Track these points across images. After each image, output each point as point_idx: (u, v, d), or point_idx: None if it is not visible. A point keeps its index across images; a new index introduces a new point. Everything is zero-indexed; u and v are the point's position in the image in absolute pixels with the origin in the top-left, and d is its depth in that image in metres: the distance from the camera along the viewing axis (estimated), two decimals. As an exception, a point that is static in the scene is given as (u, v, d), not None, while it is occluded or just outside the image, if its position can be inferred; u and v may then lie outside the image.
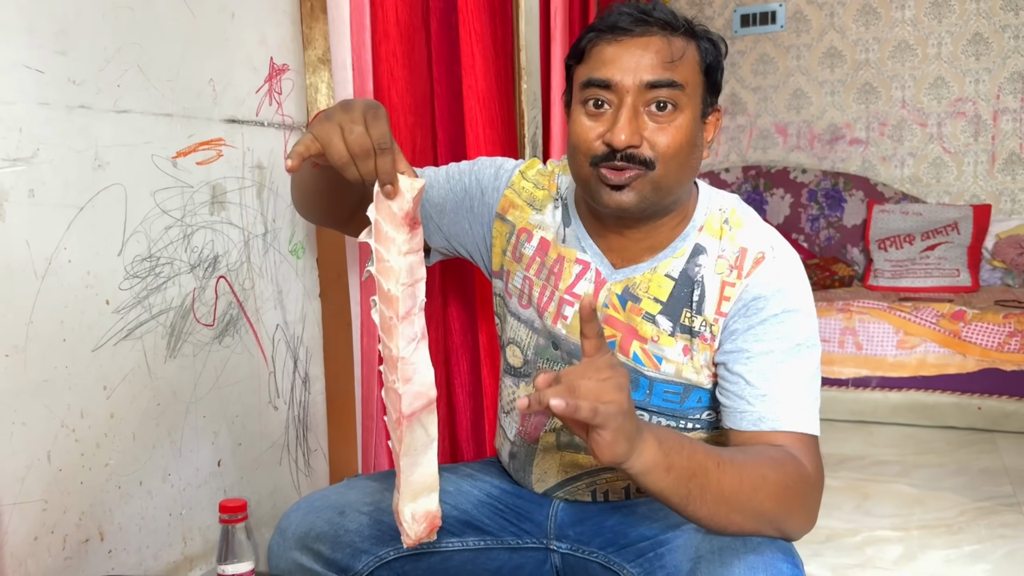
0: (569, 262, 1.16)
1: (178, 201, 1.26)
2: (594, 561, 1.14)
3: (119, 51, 1.16)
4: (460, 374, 1.67)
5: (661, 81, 1.01)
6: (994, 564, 1.98)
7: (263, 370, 1.45)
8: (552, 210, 1.20)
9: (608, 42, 1.03)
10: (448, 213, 1.23)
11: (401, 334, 0.91)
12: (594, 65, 1.04)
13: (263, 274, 1.44)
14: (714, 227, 1.12)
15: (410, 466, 0.95)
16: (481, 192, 1.22)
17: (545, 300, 1.17)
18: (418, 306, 0.93)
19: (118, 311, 1.17)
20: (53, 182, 1.08)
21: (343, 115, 0.89)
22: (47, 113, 1.07)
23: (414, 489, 0.95)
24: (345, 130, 0.88)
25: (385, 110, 0.91)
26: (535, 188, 1.21)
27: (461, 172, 1.24)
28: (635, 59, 1.02)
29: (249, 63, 1.40)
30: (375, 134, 0.88)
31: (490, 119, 1.66)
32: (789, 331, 1.05)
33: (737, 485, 0.92)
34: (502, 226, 1.22)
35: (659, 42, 1.02)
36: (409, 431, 0.93)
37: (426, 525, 0.97)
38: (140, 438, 1.22)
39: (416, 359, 0.93)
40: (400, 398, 0.92)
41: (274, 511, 1.46)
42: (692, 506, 0.91)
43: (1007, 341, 2.99)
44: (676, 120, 1.03)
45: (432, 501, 0.97)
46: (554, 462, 1.18)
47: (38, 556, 1.08)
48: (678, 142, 1.03)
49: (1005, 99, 3.75)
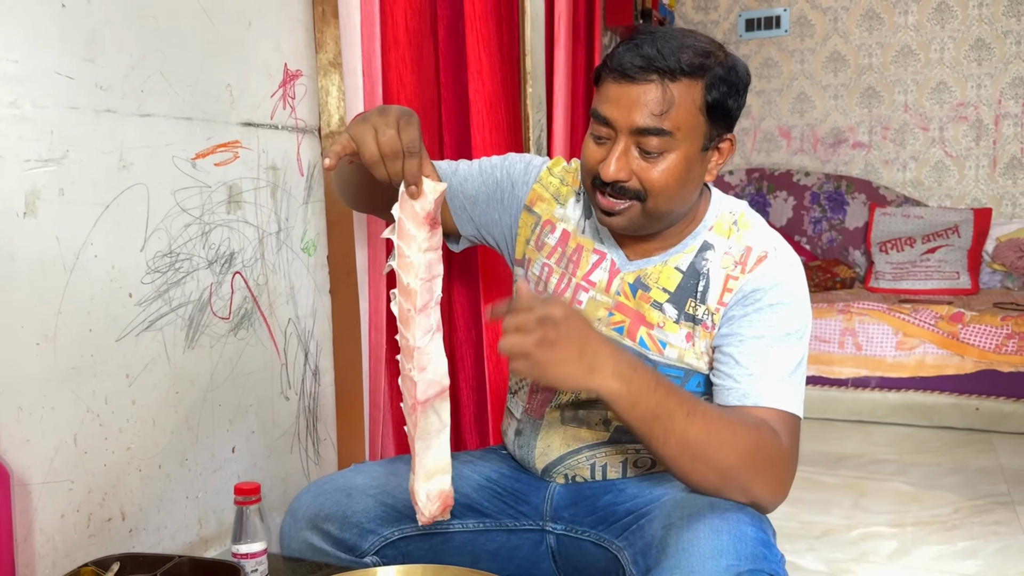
0: (587, 251, 1.24)
1: (197, 200, 1.33)
2: (586, 540, 1.20)
3: (143, 58, 1.23)
4: (464, 368, 1.73)
5: (650, 129, 1.08)
6: (985, 560, 2.02)
7: (276, 362, 1.51)
8: (574, 204, 1.28)
9: (614, 80, 1.10)
10: (480, 204, 1.31)
11: (418, 325, 0.98)
12: (601, 99, 1.12)
13: (276, 270, 1.50)
14: (723, 227, 1.20)
15: (424, 449, 1.02)
16: (512, 185, 1.31)
17: (562, 287, 1.25)
18: (434, 300, 1.00)
19: (140, 304, 1.24)
20: (81, 181, 1.14)
21: (378, 118, 0.97)
22: (76, 117, 1.13)
23: (428, 471, 1.02)
24: (379, 132, 0.96)
25: (418, 117, 0.99)
26: (560, 184, 1.30)
27: (493, 166, 1.32)
28: (630, 104, 1.08)
29: (264, 69, 1.46)
30: (406, 138, 0.95)
31: (496, 123, 1.71)
32: (782, 320, 1.12)
33: (704, 436, 1.00)
34: (529, 217, 1.30)
35: (655, 91, 1.08)
36: (423, 416, 1.00)
37: (440, 504, 1.04)
38: (160, 424, 1.28)
39: (431, 349, 1.00)
40: (416, 385, 0.99)
41: (285, 497, 1.53)
42: (655, 444, 1.00)
43: (1005, 343, 3.03)
44: (665, 161, 1.10)
45: (445, 482, 1.04)
46: (557, 436, 1.25)
47: (65, 533, 1.15)
48: (665, 180, 1.10)
49: (1007, 104, 3.79)
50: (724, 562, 0.93)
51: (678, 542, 0.97)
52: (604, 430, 1.22)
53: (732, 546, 0.94)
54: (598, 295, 1.22)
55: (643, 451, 1.22)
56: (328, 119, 1.58)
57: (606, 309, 1.21)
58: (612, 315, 1.20)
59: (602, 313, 1.21)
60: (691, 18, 4.31)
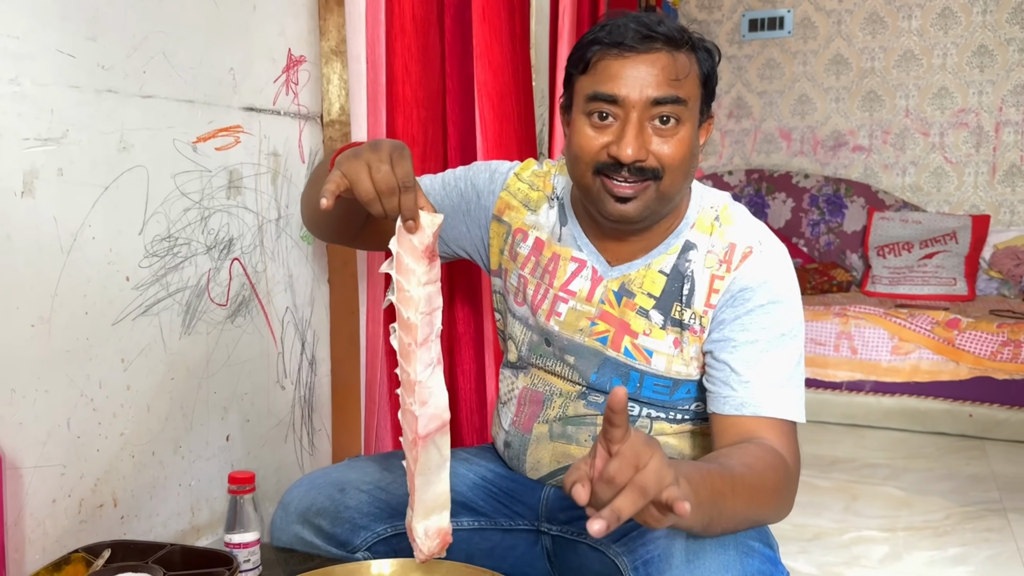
0: (564, 260, 1.20)
1: (197, 184, 1.31)
2: (583, 542, 1.18)
3: (146, 38, 1.21)
4: (462, 363, 1.71)
5: (666, 98, 1.05)
6: (976, 566, 2.03)
7: (272, 350, 1.50)
8: (547, 210, 1.23)
9: (614, 57, 1.06)
10: (446, 219, 1.26)
11: (419, 359, 0.96)
12: (600, 79, 1.07)
13: (275, 258, 1.49)
14: (705, 224, 1.16)
15: (424, 485, 1.00)
16: (477, 196, 1.26)
17: (539, 298, 1.21)
18: (435, 333, 0.97)
19: (137, 288, 1.22)
20: (81, 162, 1.12)
21: (371, 154, 0.94)
22: (77, 96, 1.12)
23: (427, 507, 1.01)
24: (372, 168, 0.93)
25: (409, 151, 0.96)
26: (530, 189, 1.25)
27: (456, 178, 1.28)
28: (641, 76, 1.04)
29: (268, 54, 1.44)
30: (400, 173, 0.93)
31: (505, 115, 1.70)
32: (774, 321, 1.09)
33: (746, 504, 0.96)
34: (499, 227, 1.26)
35: (665, 58, 1.05)
36: (424, 451, 0.98)
37: (439, 541, 1.03)
38: (154, 410, 1.27)
39: (432, 383, 0.97)
40: (416, 420, 0.97)
41: (278, 487, 1.51)
42: (710, 530, 0.94)
43: (1000, 350, 3.03)
44: (679, 133, 1.07)
45: (444, 519, 1.02)
46: (547, 452, 1.22)
47: (55, 518, 1.13)
48: (682, 153, 1.07)
49: (1008, 111, 3.79)
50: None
51: (684, 554, 0.95)
52: None
53: (739, 561, 0.93)
54: (579, 305, 1.18)
55: None
56: (329, 108, 1.56)
57: (588, 319, 1.17)
58: (595, 325, 1.17)
59: (584, 324, 1.17)
60: (694, 17, 4.29)
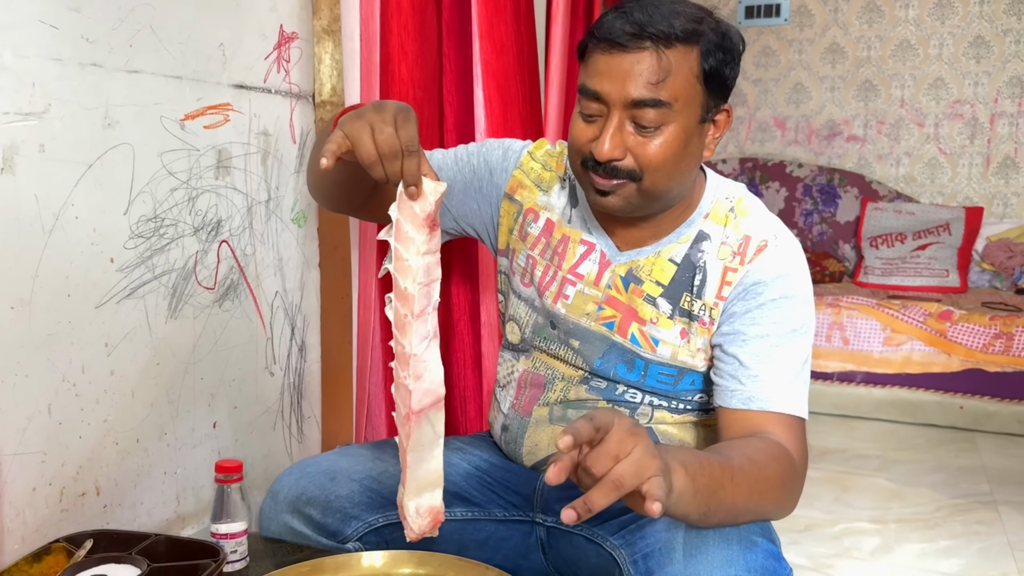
0: (574, 242, 1.18)
1: (184, 163, 1.27)
2: (578, 534, 1.16)
3: (132, 11, 1.16)
4: (460, 348, 1.68)
5: (646, 100, 1.01)
6: (967, 559, 2.02)
7: (261, 336, 1.46)
8: (559, 191, 1.21)
9: (603, 52, 1.03)
10: (457, 195, 1.24)
11: (415, 332, 0.93)
12: (588, 73, 1.05)
13: (265, 241, 1.45)
14: (719, 215, 1.14)
15: (416, 461, 0.97)
16: (490, 173, 1.24)
17: (548, 280, 1.19)
18: (432, 305, 0.94)
19: (122, 270, 1.18)
20: (63, 138, 1.08)
21: (374, 115, 0.90)
22: (60, 69, 1.07)
23: (419, 484, 0.98)
24: (376, 130, 0.89)
25: (415, 113, 0.93)
26: (543, 169, 1.23)
27: (469, 154, 1.25)
28: (623, 75, 1.01)
29: (259, 29, 1.40)
30: (404, 136, 0.89)
31: (510, 98, 1.65)
32: (786, 316, 1.07)
33: (746, 496, 0.94)
34: (510, 206, 1.23)
35: (649, 59, 1.01)
36: (417, 427, 0.95)
37: (430, 520, 0.99)
38: (139, 396, 1.23)
39: (428, 357, 0.94)
40: (411, 394, 0.94)
41: (267, 475, 1.48)
42: (708, 520, 0.92)
43: (992, 343, 3.03)
44: (662, 135, 1.03)
45: (436, 497, 0.99)
46: (545, 435, 1.20)
47: (36, 506, 1.10)
48: (663, 155, 1.03)
49: (1003, 103, 3.77)
50: (733, 572, 0.89)
51: (685, 548, 0.93)
52: None
53: (742, 556, 0.91)
54: (586, 288, 1.16)
55: None
56: (321, 87, 1.52)
57: (595, 303, 1.15)
58: (602, 309, 1.15)
59: (591, 308, 1.15)
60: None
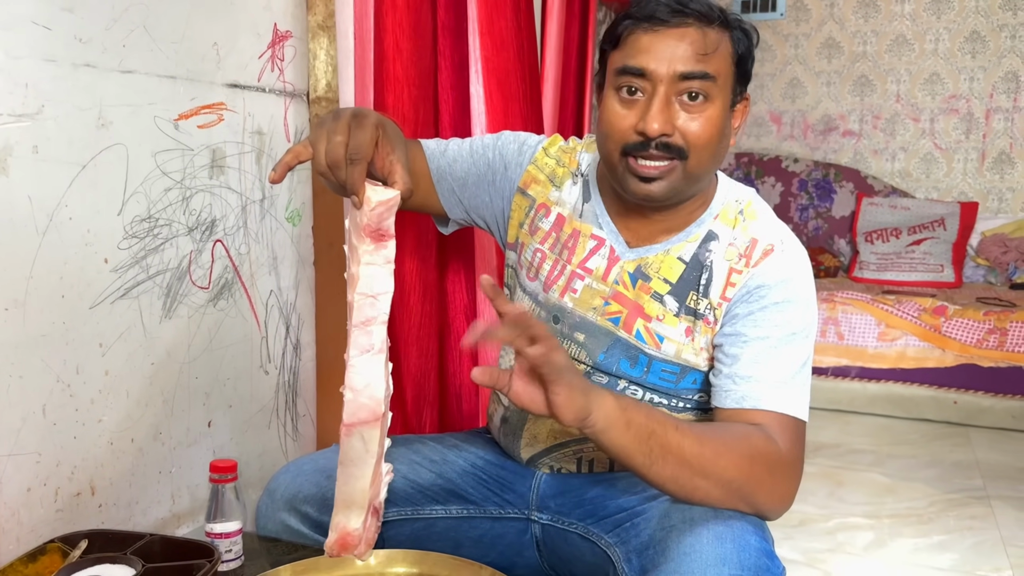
0: (584, 237, 1.19)
1: (178, 163, 1.27)
2: (573, 532, 1.17)
3: (126, 11, 1.16)
4: (455, 345, 1.68)
5: (695, 72, 1.04)
6: (961, 554, 2.03)
7: (256, 334, 1.46)
8: (570, 186, 1.22)
9: (644, 31, 1.05)
10: (470, 187, 1.25)
11: (353, 342, 0.91)
12: (629, 53, 1.06)
13: (259, 240, 1.45)
14: (729, 216, 1.15)
15: (344, 476, 0.93)
16: (504, 167, 1.25)
17: (555, 274, 1.20)
18: (379, 319, 0.92)
19: (116, 270, 1.19)
20: (57, 139, 1.08)
21: (332, 123, 0.91)
22: (53, 70, 1.07)
23: (343, 500, 0.94)
24: (328, 139, 0.90)
25: (375, 117, 0.92)
26: (556, 165, 1.24)
27: (485, 146, 1.26)
28: (670, 49, 1.04)
29: (253, 28, 1.40)
30: (352, 144, 0.89)
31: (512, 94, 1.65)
32: (787, 319, 1.08)
33: (698, 448, 0.96)
34: (522, 200, 1.24)
35: (694, 33, 1.04)
36: (347, 440, 0.92)
37: (337, 539, 0.94)
38: (133, 396, 1.23)
39: (366, 370, 0.91)
40: (344, 406, 0.91)
41: (262, 473, 1.48)
42: (656, 466, 0.94)
43: (986, 338, 3.04)
44: (707, 111, 1.06)
45: (354, 520, 0.94)
46: (544, 427, 1.21)
47: (31, 507, 1.10)
48: (708, 132, 1.06)
49: (998, 98, 3.78)
50: (727, 571, 0.89)
51: (679, 546, 0.93)
52: None
53: (736, 555, 0.91)
54: (594, 283, 1.17)
55: None
56: (315, 84, 1.52)
57: (602, 298, 1.16)
58: (608, 304, 1.15)
59: (598, 302, 1.16)
60: None
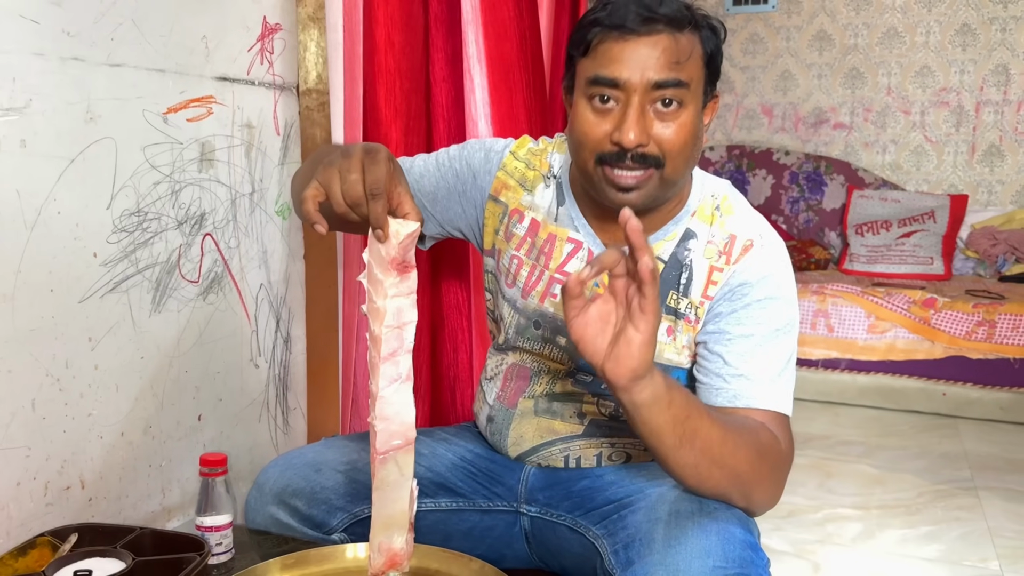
0: (560, 241, 1.18)
1: (167, 157, 1.27)
2: (562, 524, 1.17)
3: (114, 4, 1.16)
4: (449, 340, 1.68)
5: (668, 81, 1.02)
6: (948, 545, 2.05)
7: (246, 328, 1.46)
8: (543, 189, 1.21)
9: (615, 40, 1.03)
10: (440, 200, 1.24)
11: (383, 374, 0.93)
12: (601, 62, 1.05)
13: (249, 233, 1.45)
14: (706, 213, 1.14)
15: (381, 501, 0.97)
16: (473, 176, 1.24)
17: (533, 280, 1.19)
18: (404, 348, 0.94)
19: (105, 264, 1.18)
20: (45, 133, 1.08)
21: (343, 161, 0.91)
22: (41, 64, 1.07)
23: (383, 523, 0.98)
24: (342, 178, 0.91)
25: (387, 151, 0.93)
26: (527, 168, 1.22)
27: (451, 158, 1.25)
28: (643, 59, 1.02)
29: (242, 21, 1.40)
30: (369, 180, 0.90)
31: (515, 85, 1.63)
32: (770, 316, 1.08)
33: (721, 439, 0.95)
34: (495, 207, 1.23)
35: (666, 40, 1.03)
36: (382, 467, 0.95)
37: (385, 560, 0.99)
38: (123, 390, 1.23)
39: (397, 400, 0.94)
40: (376, 435, 0.94)
41: (252, 467, 1.49)
42: (683, 449, 0.93)
43: (975, 330, 3.06)
44: (681, 116, 1.04)
45: (397, 540, 0.98)
46: (530, 427, 1.21)
47: (20, 501, 1.10)
48: (683, 138, 1.05)
49: (988, 91, 3.79)
50: (711, 562, 0.90)
51: (664, 538, 0.94)
52: (578, 423, 1.19)
53: (720, 547, 0.92)
54: None
55: (617, 445, 1.19)
56: (305, 75, 1.52)
57: None
58: None
59: None
60: (678, -11, 4.24)
